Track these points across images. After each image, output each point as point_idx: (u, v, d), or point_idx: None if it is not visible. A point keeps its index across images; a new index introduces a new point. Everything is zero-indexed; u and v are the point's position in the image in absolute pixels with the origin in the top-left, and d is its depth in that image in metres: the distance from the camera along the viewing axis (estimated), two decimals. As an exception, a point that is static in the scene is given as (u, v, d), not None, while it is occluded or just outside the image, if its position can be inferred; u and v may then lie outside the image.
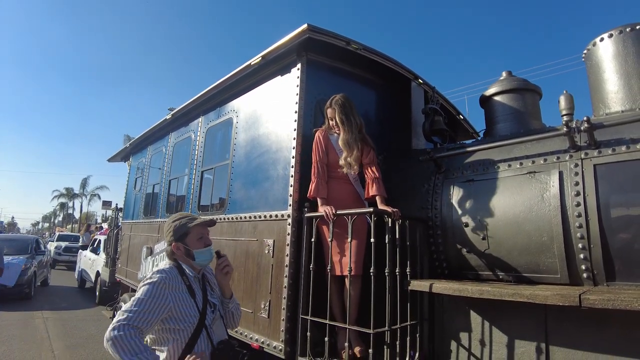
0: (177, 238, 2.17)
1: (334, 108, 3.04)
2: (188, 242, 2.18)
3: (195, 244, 2.19)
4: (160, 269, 2.07)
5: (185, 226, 2.19)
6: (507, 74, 3.31)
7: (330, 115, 3.07)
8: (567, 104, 2.60)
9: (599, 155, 2.30)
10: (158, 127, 6.01)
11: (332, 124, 3.08)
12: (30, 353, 5.53)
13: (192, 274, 2.18)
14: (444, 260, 2.89)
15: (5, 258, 9.56)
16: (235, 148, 3.94)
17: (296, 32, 2.97)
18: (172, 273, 2.07)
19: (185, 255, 2.17)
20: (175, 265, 2.14)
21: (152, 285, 1.96)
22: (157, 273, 2.03)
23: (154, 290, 1.95)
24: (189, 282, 2.11)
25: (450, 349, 2.62)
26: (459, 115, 4.53)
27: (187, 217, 2.26)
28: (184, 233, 2.18)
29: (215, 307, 2.21)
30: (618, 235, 2.19)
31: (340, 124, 3.01)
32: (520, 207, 2.51)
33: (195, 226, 2.19)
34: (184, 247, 2.17)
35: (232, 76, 3.80)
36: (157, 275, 2.01)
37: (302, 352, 2.75)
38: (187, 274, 2.14)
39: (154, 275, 2.02)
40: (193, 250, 2.17)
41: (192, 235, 2.20)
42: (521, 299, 2.06)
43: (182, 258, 2.18)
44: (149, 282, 1.98)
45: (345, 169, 2.97)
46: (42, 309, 8.59)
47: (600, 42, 2.67)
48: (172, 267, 2.11)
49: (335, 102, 3.05)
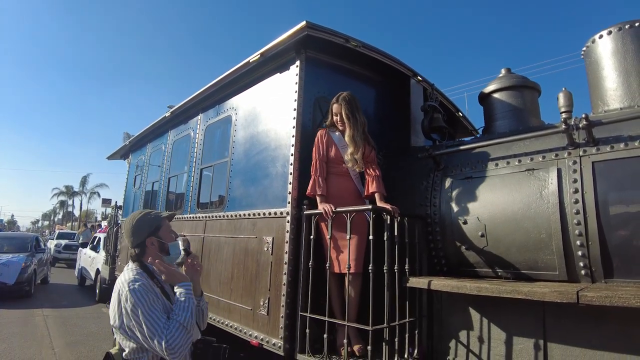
0: (151, 232, 2.02)
1: (340, 104, 3.05)
2: (162, 235, 2.05)
3: (168, 237, 2.06)
4: (129, 280, 1.85)
5: (157, 219, 2.06)
6: (506, 71, 3.31)
7: (336, 111, 3.08)
8: (565, 101, 2.60)
9: (597, 153, 2.30)
10: (157, 124, 6.01)
11: (337, 119, 3.08)
12: (30, 350, 5.53)
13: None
14: (442, 258, 2.89)
15: (5, 256, 9.60)
16: (234, 145, 3.94)
17: (295, 30, 2.97)
18: (145, 277, 1.90)
19: (159, 250, 2.02)
20: (143, 269, 1.96)
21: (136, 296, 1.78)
22: (128, 284, 1.82)
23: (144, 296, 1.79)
24: (161, 284, 1.96)
25: (449, 346, 2.63)
26: (458, 113, 4.53)
27: (150, 211, 2.13)
28: (157, 226, 2.05)
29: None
30: (616, 232, 2.19)
31: (347, 120, 3.02)
32: (519, 204, 2.51)
33: (165, 218, 2.09)
34: (158, 241, 2.03)
35: (231, 74, 3.80)
36: (130, 285, 1.81)
37: (301, 349, 2.76)
38: (157, 276, 1.97)
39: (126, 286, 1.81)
40: (168, 243, 2.05)
41: (164, 228, 2.07)
42: (519, 295, 2.07)
43: (152, 255, 1.99)
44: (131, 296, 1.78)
45: (351, 164, 2.99)
46: (43, 307, 8.57)
47: (599, 40, 2.67)
48: (141, 271, 1.93)
49: (343, 98, 3.06)
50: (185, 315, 1.81)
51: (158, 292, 1.90)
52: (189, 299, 1.87)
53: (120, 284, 1.86)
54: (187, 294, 1.89)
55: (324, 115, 3.37)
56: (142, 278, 1.87)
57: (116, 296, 1.84)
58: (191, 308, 1.85)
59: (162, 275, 1.95)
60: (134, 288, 1.80)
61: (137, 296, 1.78)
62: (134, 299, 1.77)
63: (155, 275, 1.96)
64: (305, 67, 3.24)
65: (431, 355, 2.70)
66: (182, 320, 1.79)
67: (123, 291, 1.82)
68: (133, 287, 1.81)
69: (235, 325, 3.34)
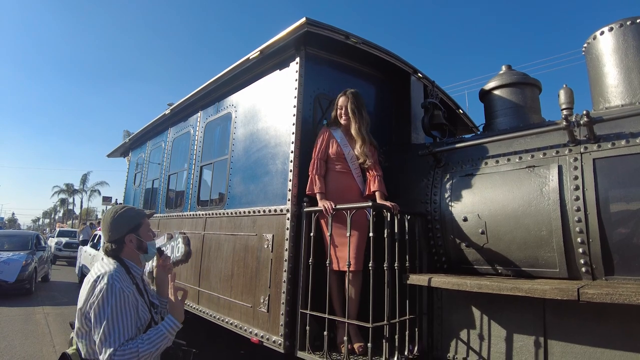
0: (131, 229, 2.00)
1: (347, 97, 3.05)
2: (141, 233, 2.03)
3: (146, 236, 2.06)
4: (110, 272, 1.82)
5: (138, 217, 2.05)
6: (506, 68, 3.29)
7: (342, 104, 3.08)
8: (566, 98, 2.58)
9: (599, 150, 2.29)
10: (157, 122, 5.99)
11: (341, 112, 3.08)
12: (31, 348, 5.54)
13: (139, 272, 2.03)
14: (442, 255, 2.89)
15: (6, 254, 9.61)
16: (234, 143, 3.93)
17: (295, 26, 2.95)
18: (121, 273, 1.88)
19: (136, 248, 2.01)
20: (121, 264, 1.94)
21: (112, 294, 1.75)
22: (110, 278, 1.79)
23: (118, 299, 1.76)
24: (136, 282, 1.95)
25: (449, 343, 2.63)
26: (458, 110, 4.52)
27: (132, 208, 2.11)
28: (138, 224, 2.03)
29: (158, 308, 2.10)
30: (617, 230, 2.19)
31: (352, 114, 3.02)
32: (520, 201, 2.50)
33: (145, 217, 2.08)
34: (137, 239, 2.01)
35: (231, 70, 3.78)
36: (111, 280, 1.78)
37: (301, 346, 2.76)
38: (134, 272, 1.97)
39: (106, 279, 1.78)
40: (146, 242, 2.04)
41: (144, 227, 2.06)
42: (520, 293, 2.07)
43: (129, 253, 2.00)
44: (107, 291, 1.75)
45: (362, 158, 3.00)
46: (43, 305, 8.59)
47: (601, 36, 2.66)
48: (119, 266, 1.91)
49: (350, 92, 3.07)
50: (149, 349, 1.76)
51: (134, 288, 1.87)
52: (165, 337, 1.83)
53: (100, 273, 1.82)
54: (169, 333, 1.85)
55: (324, 112, 3.37)
56: (118, 275, 1.83)
57: (92, 284, 1.80)
58: (159, 347, 1.81)
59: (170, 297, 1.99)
60: (113, 284, 1.77)
61: (113, 294, 1.75)
62: (107, 295, 1.74)
63: (132, 271, 1.95)
64: (305, 64, 3.23)
65: (431, 353, 2.70)
66: (142, 350, 1.74)
67: (102, 281, 1.77)
68: (112, 283, 1.77)
69: (236, 322, 3.34)
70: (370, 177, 3.03)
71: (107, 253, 1.98)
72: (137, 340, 1.77)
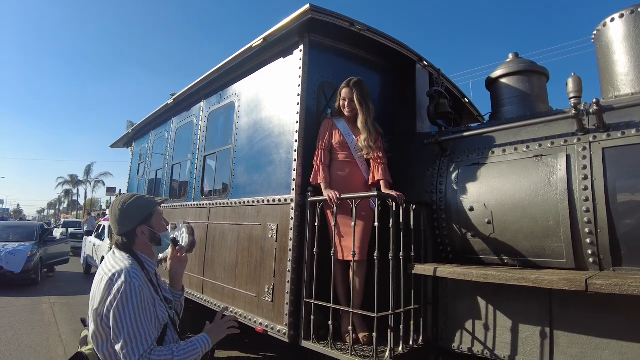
0: (142, 220, 1.84)
1: (352, 89, 3.02)
2: (153, 224, 1.88)
3: (160, 227, 1.91)
4: (127, 268, 1.69)
5: (149, 206, 1.88)
6: (513, 56, 3.24)
7: (345, 95, 3.04)
8: (575, 86, 2.53)
9: (608, 139, 2.26)
10: (160, 112, 5.97)
11: (344, 103, 3.05)
12: (38, 337, 5.60)
13: (153, 267, 1.89)
14: (448, 245, 2.87)
15: (12, 245, 9.68)
16: (237, 132, 3.90)
17: (298, 13, 2.91)
18: (138, 269, 1.73)
19: (149, 240, 1.86)
20: (135, 259, 1.79)
21: (133, 293, 1.62)
22: (128, 275, 1.65)
23: (140, 298, 1.63)
24: (150, 277, 1.80)
25: (454, 333, 2.62)
26: (464, 99, 4.47)
27: (141, 196, 1.93)
28: (149, 214, 1.87)
29: (172, 303, 1.97)
30: (626, 220, 2.16)
31: (359, 106, 3.00)
32: (527, 191, 2.48)
33: (157, 205, 1.92)
34: (149, 231, 1.85)
35: (234, 59, 3.74)
36: (129, 278, 1.64)
37: (305, 335, 2.77)
38: (148, 267, 1.83)
39: (124, 277, 1.64)
40: (159, 233, 1.89)
41: (156, 216, 1.90)
42: (527, 283, 2.05)
43: (141, 246, 1.86)
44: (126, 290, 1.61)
45: (365, 151, 2.97)
46: (49, 295, 8.68)
47: (611, 23, 2.60)
48: (134, 261, 1.76)
49: (354, 83, 3.03)
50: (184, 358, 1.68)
51: (149, 285, 1.75)
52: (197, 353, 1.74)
53: (115, 270, 1.67)
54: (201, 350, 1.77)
55: (329, 100, 3.33)
56: (136, 271, 1.70)
57: (107, 282, 1.64)
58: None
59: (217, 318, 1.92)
60: (132, 282, 1.63)
61: (133, 293, 1.62)
62: (128, 294, 1.60)
63: (146, 266, 1.82)
64: (309, 51, 3.18)
65: (436, 343, 2.70)
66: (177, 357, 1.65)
67: (119, 279, 1.63)
68: (131, 281, 1.63)
69: (240, 312, 3.35)
70: (374, 164, 3.00)
71: (118, 247, 1.84)
72: (173, 347, 1.68)
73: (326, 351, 2.59)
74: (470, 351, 2.52)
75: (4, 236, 10.65)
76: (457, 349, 2.58)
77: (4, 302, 7.69)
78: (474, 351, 2.49)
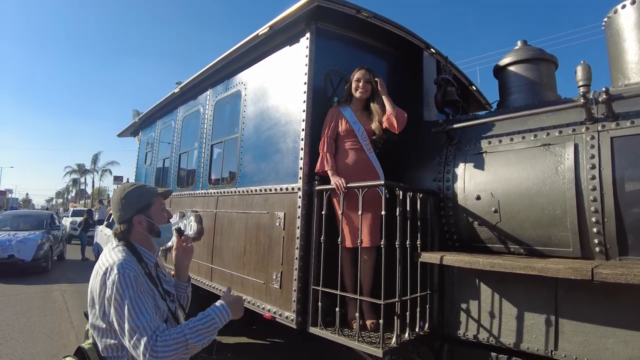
0: (140, 209, 1.77)
1: (368, 70, 3.09)
2: (152, 214, 1.81)
3: (159, 218, 1.83)
4: (119, 260, 1.62)
5: (148, 195, 1.81)
6: (522, 43, 3.20)
7: (361, 76, 3.08)
8: (584, 74, 2.50)
9: (617, 128, 2.24)
10: (166, 101, 5.98)
11: (359, 84, 3.08)
12: (50, 324, 5.72)
13: (152, 260, 1.82)
14: (454, 233, 2.88)
15: (22, 233, 9.84)
16: (244, 121, 3.91)
17: (305, 1, 2.89)
18: (131, 262, 1.66)
19: (147, 231, 1.79)
20: (131, 250, 1.73)
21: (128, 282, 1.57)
22: (120, 267, 1.59)
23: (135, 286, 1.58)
24: (149, 270, 1.74)
25: (460, 320, 2.65)
26: (471, 86, 4.43)
27: (142, 185, 1.87)
28: (148, 204, 1.80)
29: (173, 296, 1.89)
30: (633, 210, 2.15)
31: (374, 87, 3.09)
32: (534, 179, 2.47)
33: (158, 196, 1.85)
34: (147, 221, 1.78)
35: (240, 47, 3.73)
36: (121, 269, 1.59)
37: (313, 322, 2.81)
38: (146, 259, 1.76)
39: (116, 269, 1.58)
40: (158, 224, 1.82)
41: (156, 207, 1.82)
42: (533, 272, 2.06)
43: (139, 237, 1.79)
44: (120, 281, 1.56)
45: (378, 131, 3.04)
46: (60, 282, 8.83)
47: (622, 9, 2.56)
48: (128, 254, 1.69)
49: (368, 67, 3.12)
50: (200, 340, 1.58)
51: (146, 278, 1.68)
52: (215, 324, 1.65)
53: (108, 264, 1.63)
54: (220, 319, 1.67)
55: (335, 88, 3.32)
56: (130, 263, 1.64)
57: (101, 276, 1.61)
58: (208, 339, 1.62)
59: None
60: (125, 273, 1.58)
61: (128, 282, 1.56)
62: (122, 284, 1.55)
63: (144, 258, 1.76)
64: (316, 39, 3.17)
65: (442, 330, 2.73)
66: (191, 342, 1.56)
67: (112, 273, 1.58)
68: (124, 272, 1.58)
69: (249, 298, 3.40)
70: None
71: (116, 236, 1.79)
72: (183, 328, 1.59)
73: (334, 337, 2.64)
74: (475, 338, 2.54)
75: (15, 225, 10.84)
76: (462, 335, 2.61)
77: (16, 290, 7.86)
78: (479, 338, 2.52)
